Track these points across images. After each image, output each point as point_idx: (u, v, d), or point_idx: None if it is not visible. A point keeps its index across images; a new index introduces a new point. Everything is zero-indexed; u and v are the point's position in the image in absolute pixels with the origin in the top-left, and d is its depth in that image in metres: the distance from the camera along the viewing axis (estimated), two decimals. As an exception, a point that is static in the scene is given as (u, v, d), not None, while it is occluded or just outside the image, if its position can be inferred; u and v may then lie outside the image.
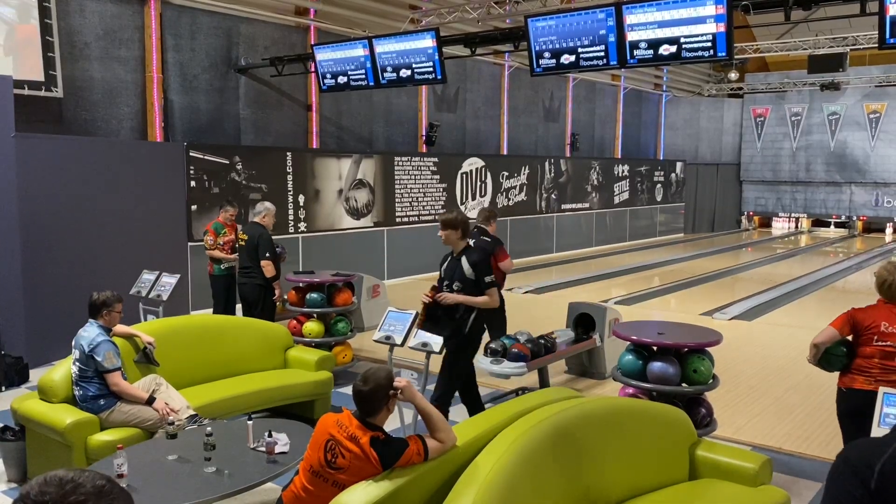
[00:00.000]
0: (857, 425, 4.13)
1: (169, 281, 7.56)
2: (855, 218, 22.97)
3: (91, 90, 10.06)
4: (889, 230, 22.51)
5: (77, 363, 4.71)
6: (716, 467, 3.89)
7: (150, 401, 4.73)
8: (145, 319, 7.45)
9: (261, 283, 7.25)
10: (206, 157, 10.27)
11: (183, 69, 11.11)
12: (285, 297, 7.50)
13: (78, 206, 8.07)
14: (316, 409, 5.88)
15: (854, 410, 4.18)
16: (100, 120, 10.19)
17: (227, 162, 10.58)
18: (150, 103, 10.65)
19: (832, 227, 23.73)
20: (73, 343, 4.79)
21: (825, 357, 4.30)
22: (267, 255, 7.13)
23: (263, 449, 3.99)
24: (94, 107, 10.12)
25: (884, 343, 4.07)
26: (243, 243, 7.46)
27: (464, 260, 5.15)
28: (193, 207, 10.02)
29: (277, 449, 3.98)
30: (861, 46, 16.57)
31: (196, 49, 11.26)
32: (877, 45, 7.00)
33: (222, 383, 5.64)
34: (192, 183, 10.07)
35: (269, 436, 4.01)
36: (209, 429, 3.99)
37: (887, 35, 6.63)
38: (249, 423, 4.20)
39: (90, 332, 4.74)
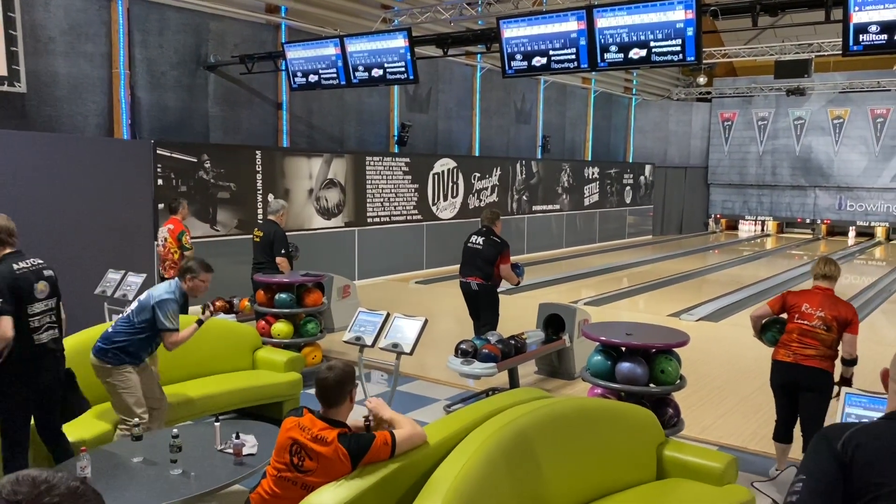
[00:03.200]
0: (780, 394, 4.89)
1: (135, 280, 7.46)
2: (819, 221, 23.42)
3: (56, 86, 9.87)
4: (852, 234, 22.98)
5: (130, 310, 4.71)
6: (683, 467, 3.94)
7: (199, 322, 4.83)
8: (110, 319, 7.33)
9: None
10: (173, 155, 10.14)
11: (151, 66, 10.95)
12: None
13: (42, 204, 7.92)
14: (285, 410, 5.82)
15: (778, 380, 4.85)
16: (64, 116, 10.00)
17: (195, 160, 10.45)
18: (116, 100, 10.48)
19: (795, 228, 24.17)
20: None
21: (767, 336, 4.98)
22: (282, 251, 7.58)
23: (231, 451, 3.94)
24: (59, 103, 9.94)
25: (802, 321, 4.68)
26: (258, 239, 7.80)
27: None
28: (160, 206, 9.87)
29: (245, 451, 3.94)
30: (826, 53, 16.90)
31: (164, 45, 11.11)
32: (841, 52, 7.14)
33: (189, 384, 5.56)
34: (160, 181, 9.94)
35: (237, 437, 3.97)
36: (175, 430, 3.93)
37: (851, 42, 6.77)
38: (217, 424, 4.15)
39: (166, 286, 4.73)
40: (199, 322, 4.83)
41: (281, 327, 6.93)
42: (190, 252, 7.99)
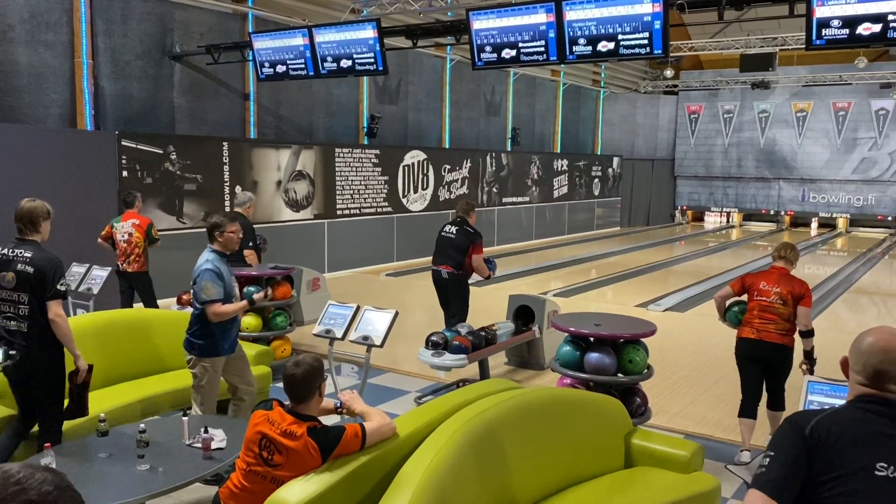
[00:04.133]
0: (746, 367, 5.20)
1: (100, 274, 7.35)
2: (783, 213, 23.83)
3: (16, 75, 9.63)
4: (814, 225, 23.42)
5: (192, 295, 4.76)
6: (650, 455, 4.00)
7: (251, 302, 4.90)
8: (75, 314, 7.22)
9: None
10: (138, 147, 9.98)
11: (114, 55, 10.74)
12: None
13: (2, 197, 7.74)
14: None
15: (742, 355, 5.18)
16: (26, 107, 9.77)
17: (161, 151, 10.30)
18: (79, 90, 10.27)
19: (760, 219, 24.56)
20: None
21: (728, 315, 5.35)
22: (250, 244, 7.47)
23: (199, 445, 3.91)
24: (20, 93, 9.70)
25: (760, 298, 5.05)
26: None
27: None
28: (126, 198, 9.72)
29: (214, 445, 3.91)
30: (790, 47, 17.17)
31: (129, 35, 10.90)
32: (804, 46, 7.26)
33: (156, 378, 5.50)
34: (124, 173, 9.77)
35: (205, 432, 3.94)
36: (142, 425, 3.88)
37: (814, 37, 6.88)
38: (185, 418, 4.10)
39: (200, 259, 4.72)
40: (251, 301, 4.90)
41: (249, 321, 6.87)
42: (158, 243, 7.89)
